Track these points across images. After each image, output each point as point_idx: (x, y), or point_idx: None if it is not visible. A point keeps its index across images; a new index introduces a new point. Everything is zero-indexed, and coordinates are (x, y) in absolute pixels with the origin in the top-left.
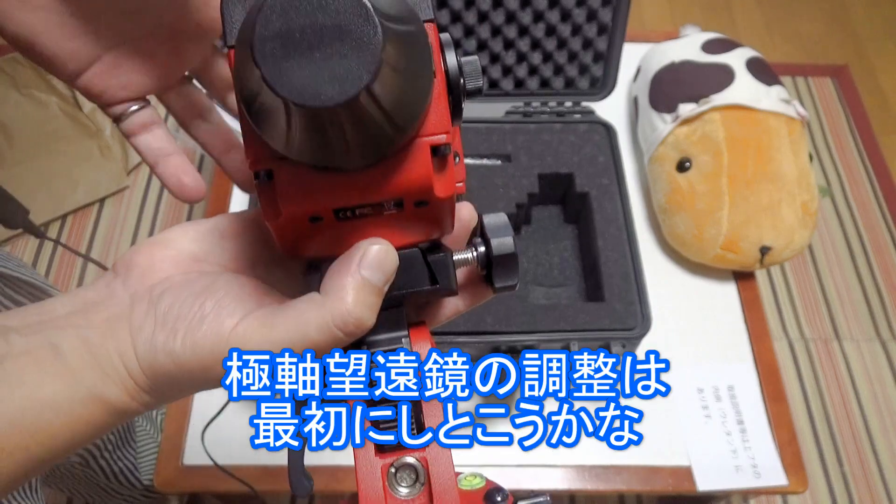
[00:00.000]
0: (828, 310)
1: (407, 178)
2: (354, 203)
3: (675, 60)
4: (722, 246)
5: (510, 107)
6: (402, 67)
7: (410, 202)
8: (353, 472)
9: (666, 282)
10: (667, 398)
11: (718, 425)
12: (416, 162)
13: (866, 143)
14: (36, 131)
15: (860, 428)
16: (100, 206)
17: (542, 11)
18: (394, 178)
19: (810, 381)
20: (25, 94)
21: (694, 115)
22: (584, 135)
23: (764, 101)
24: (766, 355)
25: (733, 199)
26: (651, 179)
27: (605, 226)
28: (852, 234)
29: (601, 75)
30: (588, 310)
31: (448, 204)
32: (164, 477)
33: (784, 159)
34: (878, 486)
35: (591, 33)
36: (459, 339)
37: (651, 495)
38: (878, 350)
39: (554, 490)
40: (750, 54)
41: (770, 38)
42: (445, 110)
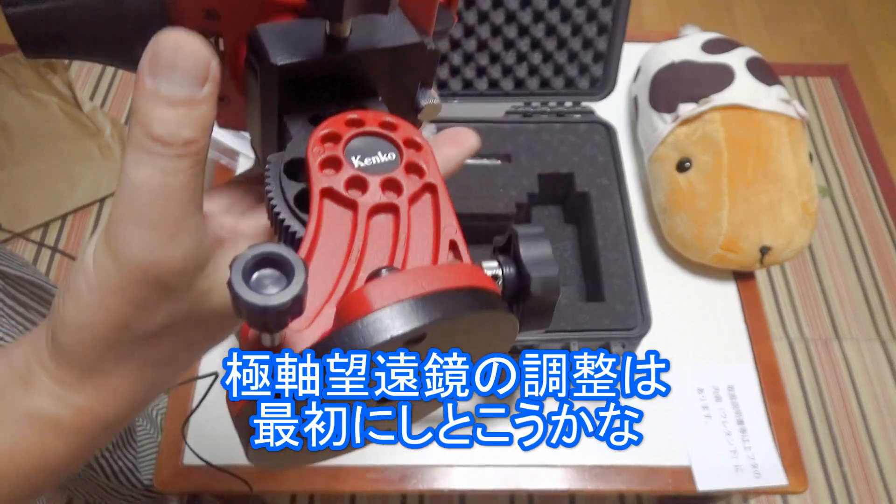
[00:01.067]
0: (828, 310)
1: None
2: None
3: (675, 60)
4: (722, 246)
5: (510, 107)
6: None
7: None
8: (354, 473)
9: (666, 282)
10: (667, 398)
11: (718, 425)
12: None
13: (866, 143)
14: (36, 131)
15: (860, 428)
16: (100, 206)
17: (542, 11)
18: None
19: (810, 381)
20: (25, 94)
21: (694, 115)
22: (584, 135)
23: (764, 101)
24: (766, 355)
25: (733, 199)
26: (651, 179)
27: (605, 226)
28: (852, 234)
29: (601, 75)
30: (588, 310)
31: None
32: (164, 477)
33: (784, 159)
34: (878, 486)
35: (591, 33)
36: None
37: (651, 495)
38: (878, 350)
39: (554, 490)
40: (750, 54)
41: (770, 38)
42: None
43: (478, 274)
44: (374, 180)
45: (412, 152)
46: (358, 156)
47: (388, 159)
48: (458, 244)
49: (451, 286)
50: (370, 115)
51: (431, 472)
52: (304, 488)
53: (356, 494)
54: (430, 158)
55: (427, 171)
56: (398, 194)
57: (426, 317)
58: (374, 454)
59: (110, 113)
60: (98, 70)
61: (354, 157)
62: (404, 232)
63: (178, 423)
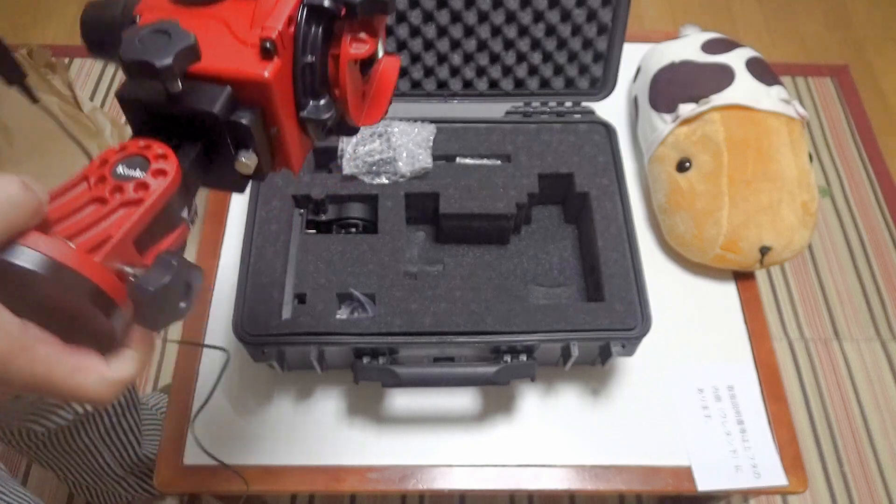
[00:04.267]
0: (828, 310)
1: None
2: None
3: (674, 60)
4: (722, 246)
5: (510, 107)
6: None
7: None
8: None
9: (666, 282)
10: (667, 398)
11: (718, 425)
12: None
13: (866, 143)
14: (36, 131)
15: (860, 428)
16: None
17: (542, 11)
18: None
19: (810, 381)
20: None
21: (694, 115)
22: (584, 135)
23: (764, 101)
24: (765, 355)
25: (733, 199)
26: (651, 179)
27: (605, 226)
28: (852, 234)
29: (601, 75)
30: (588, 310)
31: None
32: (164, 477)
33: (784, 159)
34: (878, 486)
35: (591, 33)
36: (459, 339)
37: (651, 495)
38: (878, 350)
39: (554, 490)
40: (750, 54)
41: (770, 38)
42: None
43: (92, 266)
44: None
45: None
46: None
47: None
48: (105, 244)
49: (72, 265)
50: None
51: (431, 472)
52: (304, 488)
53: (356, 494)
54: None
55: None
56: (110, 194)
57: (29, 262)
58: (374, 454)
59: (110, 113)
60: (98, 70)
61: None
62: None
63: (178, 424)
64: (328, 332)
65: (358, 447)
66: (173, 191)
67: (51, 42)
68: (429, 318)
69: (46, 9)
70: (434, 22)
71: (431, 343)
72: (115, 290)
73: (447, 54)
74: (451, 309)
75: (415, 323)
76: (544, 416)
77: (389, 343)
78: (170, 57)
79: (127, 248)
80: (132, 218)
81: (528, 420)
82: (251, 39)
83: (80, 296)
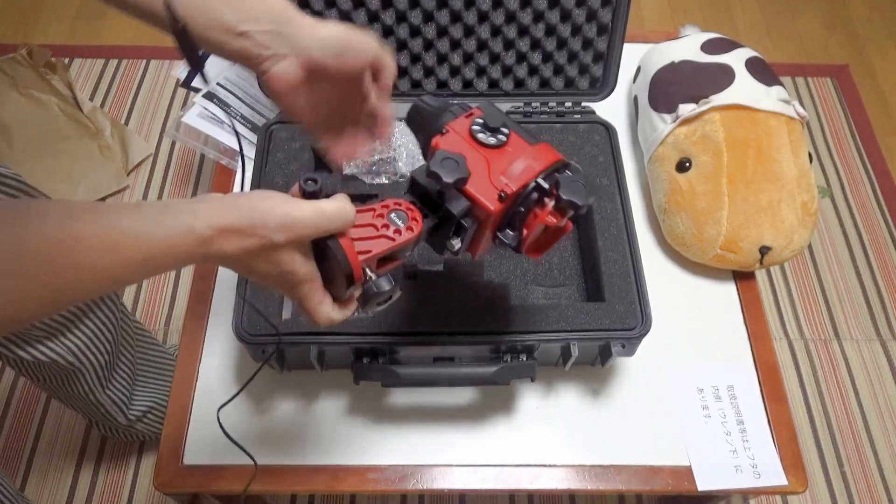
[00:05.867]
0: (828, 310)
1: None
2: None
3: (674, 60)
4: (722, 246)
5: (510, 107)
6: None
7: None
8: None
9: (666, 282)
10: (667, 398)
11: (718, 425)
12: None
13: (866, 143)
14: (36, 131)
15: (860, 428)
16: None
17: (542, 11)
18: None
19: (810, 381)
20: (25, 94)
21: (694, 115)
22: (584, 135)
23: (764, 101)
24: (765, 355)
25: (733, 199)
26: (651, 179)
27: (605, 226)
28: (852, 234)
29: (601, 75)
30: (588, 310)
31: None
32: (164, 477)
33: (784, 159)
34: (878, 486)
35: (591, 33)
36: (459, 339)
37: (651, 495)
38: (878, 350)
39: (554, 490)
40: (750, 54)
41: (770, 38)
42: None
43: (357, 263)
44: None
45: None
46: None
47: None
48: (367, 254)
49: (350, 259)
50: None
51: (431, 472)
52: (305, 488)
53: (356, 494)
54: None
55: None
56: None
57: (335, 248)
58: (373, 454)
59: (110, 113)
60: (98, 70)
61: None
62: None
63: (179, 424)
64: (328, 332)
65: (358, 447)
66: (413, 240)
67: (51, 42)
68: (429, 318)
69: (46, 9)
70: (434, 22)
71: (431, 343)
72: (358, 279)
73: (447, 54)
74: (451, 309)
75: (415, 323)
76: (544, 416)
77: (389, 343)
78: (452, 178)
79: (376, 260)
80: (386, 246)
81: (528, 420)
82: (497, 184)
83: (343, 272)
